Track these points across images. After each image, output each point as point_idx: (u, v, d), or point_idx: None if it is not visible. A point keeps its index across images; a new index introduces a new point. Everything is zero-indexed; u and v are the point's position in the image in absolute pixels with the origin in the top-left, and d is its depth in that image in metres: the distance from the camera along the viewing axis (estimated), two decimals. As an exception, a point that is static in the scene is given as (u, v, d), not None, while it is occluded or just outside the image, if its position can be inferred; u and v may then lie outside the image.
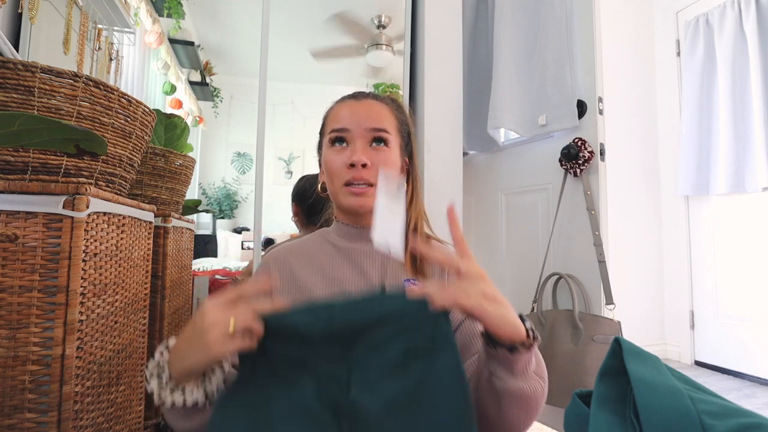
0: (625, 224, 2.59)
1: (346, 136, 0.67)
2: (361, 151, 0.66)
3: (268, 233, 2.91)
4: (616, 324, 1.22)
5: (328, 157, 0.68)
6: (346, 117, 0.68)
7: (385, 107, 0.71)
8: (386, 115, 0.70)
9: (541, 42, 1.58)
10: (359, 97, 0.71)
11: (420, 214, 0.72)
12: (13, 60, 0.61)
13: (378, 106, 0.70)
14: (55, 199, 0.60)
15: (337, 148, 0.68)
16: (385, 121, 0.69)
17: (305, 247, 0.74)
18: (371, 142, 0.67)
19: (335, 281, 0.68)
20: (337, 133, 0.68)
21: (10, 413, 0.57)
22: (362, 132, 0.67)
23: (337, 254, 0.71)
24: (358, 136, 0.67)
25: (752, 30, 2.23)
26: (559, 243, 1.46)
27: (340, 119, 0.68)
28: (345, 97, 0.73)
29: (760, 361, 2.19)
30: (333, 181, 0.68)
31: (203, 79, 3.30)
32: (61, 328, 0.60)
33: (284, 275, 0.70)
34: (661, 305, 2.68)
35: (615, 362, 0.40)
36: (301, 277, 0.69)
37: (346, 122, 0.67)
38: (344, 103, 0.71)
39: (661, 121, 2.75)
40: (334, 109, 0.72)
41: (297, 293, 0.68)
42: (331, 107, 0.74)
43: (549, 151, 1.54)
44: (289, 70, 2.74)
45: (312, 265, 0.70)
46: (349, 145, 0.67)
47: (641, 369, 0.37)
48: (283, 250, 0.74)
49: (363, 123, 0.67)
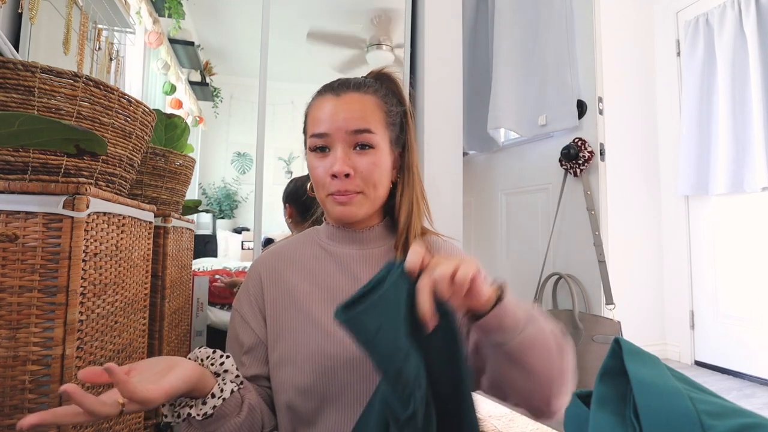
0: (625, 224, 2.59)
1: (327, 142, 0.61)
2: (343, 160, 0.59)
3: (268, 233, 2.91)
4: (616, 324, 1.22)
5: (311, 164, 0.63)
6: (325, 119, 0.61)
7: (370, 99, 0.63)
8: (370, 110, 0.62)
9: (541, 42, 1.58)
10: (339, 91, 0.63)
11: (413, 207, 0.65)
12: (13, 60, 0.61)
13: (361, 100, 0.62)
14: (55, 199, 0.60)
15: (319, 154, 0.62)
16: (369, 120, 0.61)
17: (295, 251, 0.70)
18: (354, 146, 0.61)
19: (328, 288, 0.65)
20: (317, 139, 0.61)
21: (10, 413, 0.57)
22: (343, 136, 0.60)
23: (327, 259, 0.67)
24: (339, 141, 0.60)
25: (752, 30, 2.23)
26: (559, 243, 1.46)
27: (320, 121, 0.61)
28: (324, 90, 0.65)
29: (760, 361, 2.19)
30: (318, 190, 0.64)
31: (203, 79, 3.30)
32: (61, 328, 0.60)
33: (275, 284, 0.67)
34: (661, 305, 2.68)
35: (615, 362, 0.40)
36: (292, 285, 0.66)
37: (326, 125, 0.61)
38: (323, 99, 0.63)
39: (661, 121, 2.75)
40: (313, 107, 0.65)
41: (290, 302, 0.65)
42: (310, 102, 0.66)
43: (549, 151, 1.54)
44: (289, 70, 2.74)
45: (303, 273, 0.67)
46: (331, 150, 0.61)
47: (641, 369, 0.37)
48: (272, 256, 0.70)
49: (344, 125, 0.60)
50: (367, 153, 0.61)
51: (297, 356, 0.61)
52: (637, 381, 0.36)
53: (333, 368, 0.59)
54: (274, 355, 0.63)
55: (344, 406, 0.58)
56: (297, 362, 0.60)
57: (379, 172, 0.62)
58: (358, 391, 0.59)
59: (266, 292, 0.67)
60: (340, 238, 0.68)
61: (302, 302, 0.64)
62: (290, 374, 0.60)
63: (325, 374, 0.59)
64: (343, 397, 0.59)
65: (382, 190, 0.64)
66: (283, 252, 0.70)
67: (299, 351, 0.61)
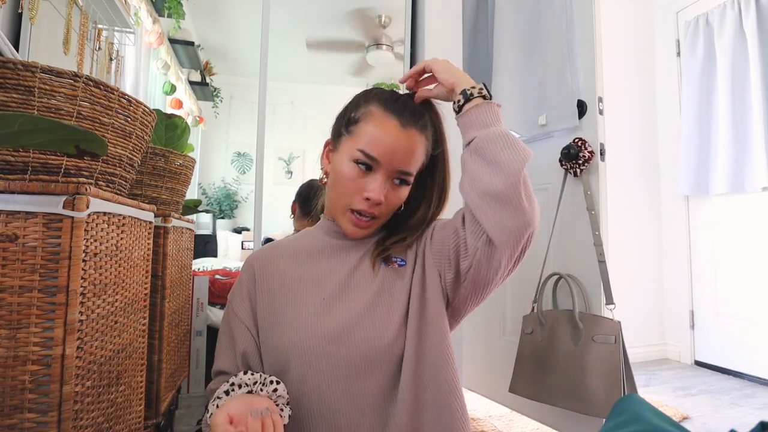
0: (625, 224, 2.59)
1: (374, 164, 0.64)
2: (381, 190, 0.64)
3: (268, 233, 2.91)
4: (616, 324, 1.22)
5: (344, 171, 0.66)
6: (383, 148, 0.64)
7: (423, 143, 0.67)
8: (419, 154, 0.67)
9: (541, 42, 1.58)
10: (406, 123, 0.65)
11: (423, 221, 0.72)
12: (13, 60, 0.61)
13: (418, 143, 0.66)
14: (55, 199, 0.60)
15: (359, 170, 0.65)
16: (416, 164, 0.67)
17: (290, 244, 0.74)
18: (394, 179, 0.66)
19: (320, 272, 0.68)
20: (366, 158, 0.64)
21: (10, 413, 0.57)
22: (391, 170, 0.65)
23: (323, 249, 0.71)
24: (386, 170, 0.65)
25: (752, 30, 2.23)
26: (559, 243, 1.46)
27: (376, 146, 0.64)
28: (391, 110, 0.66)
29: (760, 361, 2.19)
30: (339, 197, 0.67)
31: (203, 79, 3.30)
32: (61, 328, 0.60)
33: (268, 273, 0.70)
34: (661, 305, 2.68)
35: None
36: (286, 274, 0.69)
37: (382, 154, 0.64)
38: (388, 122, 0.65)
39: (661, 121, 2.75)
40: (374, 119, 0.65)
41: (281, 287, 0.68)
42: (371, 109, 0.66)
43: (549, 151, 1.54)
44: (289, 70, 2.74)
45: (298, 262, 0.70)
46: (374, 172, 0.65)
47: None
48: (267, 249, 0.74)
49: (396, 163, 0.64)
50: (401, 188, 0.67)
51: (290, 333, 0.64)
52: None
53: (320, 346, 0.62)
54: (273, 339, 0.66)
55: (329, 377, 0.62)
56: (291, 340, 0.64)
57: (400, 202, 0.69)
58: (349, 365, 0.62)
59: (258, 283, 0.70)
60: (336, 232, 0.72)
61: (293, 286, 0.68)
62: (286, 349, 0.64)
63: (315, 353, 0.62)
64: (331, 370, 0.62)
65: (391, 214, 0.70)
66: (278, 245, 0.75)
67: (290, 329, 0.64)
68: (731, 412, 1.81)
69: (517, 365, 1.41)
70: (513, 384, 1.40)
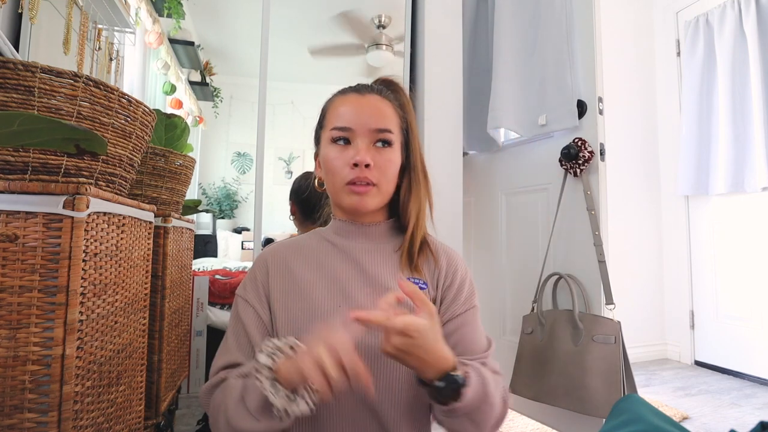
0: (625, 224, 2.59)
1: (349, 135, 0.66)
2: (365, 151, 0.65)
3: (268, 233, 2.91)
4: (616, 324, 1.22)
5: (329, 155, 0.67)
6: (349, 115, 0.66)
7: (389, 105, 0.69)
8: (390, 114, 0.68)
9: (541, 42, 1.58)
10: (363, 92, 0.69)
11: (421, 208, 0.70)
12: (13, 60, 0.61)
13: (382, 104, 0.68)
14: (55, 199, 0.60)
15: (340, 146, 0.66)
16: (389, 121, 0.67)
17: (303, 245, 0.73)
18: (375, 142, 0.66)
19: (335, 279, 0.67)
20: (340, 132, 0.66)
21: (10, 413, 0.57)
22: (366, 132, 0.66)
23: (335, 252, 0.70)
24: (362, 135, 0.66)
25: (752, 30, 2.23)
26: (559, 243, 1.46)
27: (344, 117, 0.67)
28: (347, 90, 0.71)
29: (760, 361, 2.19)
30: (334, 180, 0.67)
31: (203, 79, 3.30)
32: (61, 328, 0.60)
33: (282, 273, 0.69)
34: (661, 305, 2.68)
35: None
36: (299, 275, 0.68)
37: (350, 121, 0.66)
38: (347, 98, 0.69)
39: (661, 121, 2.75)
40: (335, 103, 0.70)
41: (296, 291, 0.67)
42: (332, 99, 0.72)
43: (549, 151, 1.54)
44: (289, 70, 2.74)
45: (310, 263, 0.69)
46: (352, 143, 0.66)
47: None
48: (281, 247, 0.73)
49: (367, 123, 0.66)
50: (385, 150, 0.67)
51: (301, 342, 0.62)
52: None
53: None
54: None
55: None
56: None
57: (393, 168, 0.68)
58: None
59: (272, 280, 0.68)
60: (347, 232, 0.71)
61: (307, 291, 0.66)
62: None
63: None
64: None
65: (392, 186, 0.69)
66: (292, 244, 0.73)
67: (303, 339, 0.62)
68: (731, 412, 1.81)
69: (517, 365, 1.41)
70: (513, 384, 1.40)
